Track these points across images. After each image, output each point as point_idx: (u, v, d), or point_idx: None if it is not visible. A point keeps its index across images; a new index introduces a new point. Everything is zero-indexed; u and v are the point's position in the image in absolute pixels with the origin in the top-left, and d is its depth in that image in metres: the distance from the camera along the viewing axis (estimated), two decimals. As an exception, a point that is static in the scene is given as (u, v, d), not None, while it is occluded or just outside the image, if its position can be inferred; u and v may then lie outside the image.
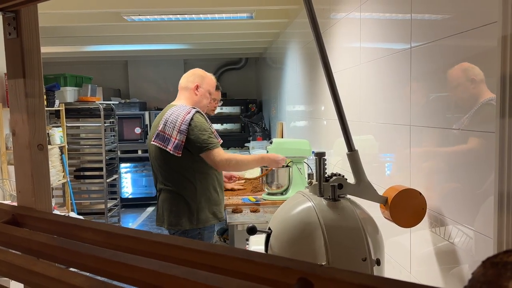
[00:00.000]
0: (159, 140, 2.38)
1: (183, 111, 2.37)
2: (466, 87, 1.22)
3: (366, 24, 2.04)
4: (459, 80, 1.26)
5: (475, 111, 1.17)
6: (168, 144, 2.34)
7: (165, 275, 0.50)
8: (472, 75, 1.19)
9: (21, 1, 0.71)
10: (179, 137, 2.31)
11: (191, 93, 2.53)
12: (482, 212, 1.13)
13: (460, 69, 1.24)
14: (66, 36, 4.78)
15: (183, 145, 2.32)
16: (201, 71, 2.63)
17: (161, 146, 2.37)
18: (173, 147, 2.32)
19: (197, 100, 2.53)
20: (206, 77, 2.59)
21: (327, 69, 1.28)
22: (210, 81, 2.61)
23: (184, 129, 2.31)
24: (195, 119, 2.34)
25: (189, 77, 2.58)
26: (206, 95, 2.58)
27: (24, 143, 0.86)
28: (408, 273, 1.59)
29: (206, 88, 2.57)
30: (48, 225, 0.78)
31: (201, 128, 2.35)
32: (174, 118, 2.36)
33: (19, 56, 0.81)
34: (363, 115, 2.08)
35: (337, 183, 1.30)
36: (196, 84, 2.53)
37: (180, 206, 2.39)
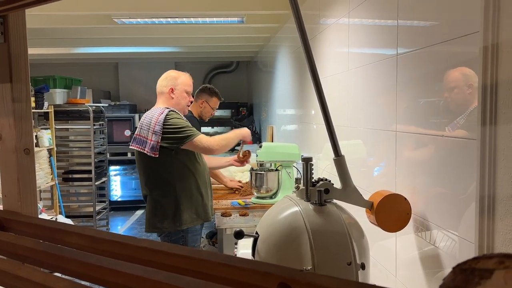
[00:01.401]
0: (137, 143, 2.43)
1: (156, 112, 2.42)
2: (451, 95, 1.25)
3: (354, 30, 2.06)
4: (446, 86, 1.28)
5: (458, 118, 1.19)
6: (145, 147, 2.38)
7: (149, 280, 0.51)
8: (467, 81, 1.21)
9: (8, 7, 0.71)
10: (154, 138, 2.35)
11: (167, 97, 2.55)
12: (465, 217, 1.15)
13: (448, 77, 1.27)
14: (56, 37, 4.75)
15: (159, 145, 2.35)
16: (174, 72, 2.64)
17: (139, 149, 2.40)
18: (150, 149, 2.35)
19: (175, 103, 2.54)
20: (179, 77, 2.59)
21: (314, 76, 1.29)
22: (185, 80, 2.60)
23: (158, 129, 2.34)
24: (168, 117, 2.38)
25: (162, 81, 2.59)
26: (183, 95, 2.58)
27: (11, 147, 0.86)
28: (393, 277, 1.61)
29: (181, 89, 2.57)
30: (34, 229, 0.78)
31: (176, 123, 2.38)
32: (148, 120, 2.40)
33: (6, 61, 0.81)
34: (351, 120, 2.10)
35: (324, 188, 1.32)
36: (170, 88, 2.54)
37: (163, 208, 2.41)
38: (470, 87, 1.15)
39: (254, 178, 2.87)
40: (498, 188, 0.98)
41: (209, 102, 3.60)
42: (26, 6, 0.75)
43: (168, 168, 2.39)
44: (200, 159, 2.54)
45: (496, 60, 0.97)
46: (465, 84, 1.16)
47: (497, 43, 0.97)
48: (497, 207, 0.99)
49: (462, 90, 1.18)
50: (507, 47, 0.95)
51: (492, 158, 0.99)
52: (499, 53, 0.97)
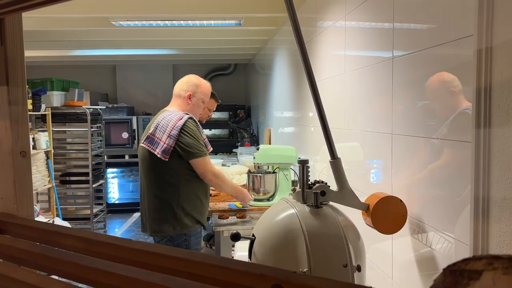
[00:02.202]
0: (148, 142, 2.38)
1: (176, 116, 2.37)
2: (444, 98, 1.25)
3: (350, 33, 2.07)
4: (437, 90, 1.29)
5: (452, 120, 1.20)
6: (156, 147, 2.34)
7: (144, 282, 0.51)
8: (451, 86, 1.22)
9: (5, 10, 0.72)
10: (168, 141, 2.31)
11: (184, 101, 2.52)
12: (461, 219, 1.16)
13: (438, 80, 1.28)
14: (53, 40, 4.75)
15: (171, 150, 2.32)
16: (196, 78, 2.60)
17: (149, 148, 2.37)
18: (161, 151, 2.32)
19: (189, 109, 2.51)
20: (200, 85, 2.56)
21: (310, 79, 1.30)
22: (205, 90, 2.58)
23: (174, 134, 2.31)
24: (187, 125, 2.35)
25: (183, 85, 2.55)
26: (199, 104, 2.56)
27: (7, 150, 0.86)
28: (390, 279, 1.61)
29: (199, 97, 2.55)
30: (30, 232, 0.78)
31: (192, 134, 2.35)
32: (166, 122, 2.35)
33: (3, 64, 0.81)
34: (348, 123, 2.11)
35: (320, 190, 1.32)
36: (189, 93, 2.52)
37: (163, 211, 2.39)
38: (453, 94, 1.17)
39: (252, 180, 2.88)
40: (492, 190, 0.99)
41: (206, 104, 3.60)
42: (22, 10, 0.75)
43: (174, 171, 2.37)
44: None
45: (490, 63, 0.98)
46: (459, 87, 1.17)
47: (491, 46, 0.98)
48: (492, 209, 0.99)
49: (456, 93, 1.19)
50: (501, 50, 0.96)
51: (487, 160, 1.00)
52: (493, 56, 0.97)
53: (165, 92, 7.64)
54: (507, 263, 0.36)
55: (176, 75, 7.73)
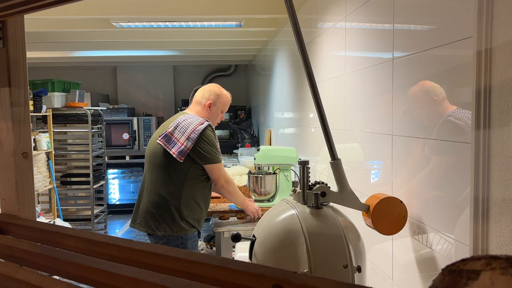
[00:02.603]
0: (165, 140, 2.39)
1: (197, 120, 2.40)
2: (445, 100, 1.26)
3: (351, 34, 2.08)
4: (434, 95, 1.30)
5: (452, 122, 1.21)
6: (172, 147, 2.36)
7: (144, 282, 0.51)
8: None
9: (7, 12, 0.72)
10: (186, 143, 2.33)
11: (204, 109, 2.54)
12: (461, 220, 1.16)
13: (440, 82, 1.28)
14: (54, 41, 4.76)
15: (188, 152, 2.34)
16: (219, 88, 2.63)
17: (165, 146, 2.38)
18: (178, 152, 2.34)
19: (208, 117, 2.52)
20: (221, 95, 2.59)
21: (311, 80, 1.31)
22: (225, 100, 2.61)
23: (193, 137, 2.33)
24: (207, 131, 2.38)
25: (205, 93, 2.57)
26: (218, 113, 2.58)
27: (9, 151, 0.87)
28: (390, 280, 1.62)
29: (219, 107, 2.57)
30: (31, 232, 0.79)
31: (210, 141, 2.39)
32: (186, 124, 2.38)
33: (5, 66, 0.82)
34: (348, 124, 2.11)
35: (320, 191, 1.33)
36: (210, 102, 2.54)
37: (162, 210, 2.40)
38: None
39: (252, 181, 2.88)
40: (492, 191, 0.99)
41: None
42: (25, 12, 0.76)
43: (182, 173, 2.38)
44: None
45: (490, 64, 0.99)
46: (457, 91, 1.18)
47: (490, 48, 0.98)
48: (491, 210, 1.00)
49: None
50: (500, 52, 0.96)
51: (486, 161, 1.00)
52: (493, 57, 0.98)
53: (165, 93, 7.65)
54: (505, 263, 0.36)
55: (176, 76, 7.74)
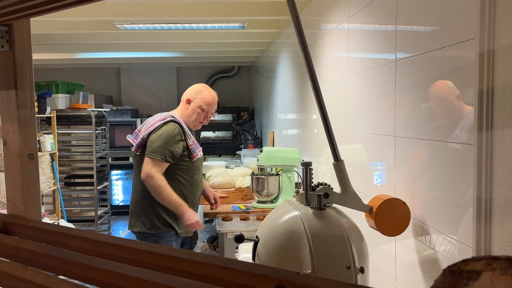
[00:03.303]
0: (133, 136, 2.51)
1: (160, 116, 2.47)
2: (449, 101, 1.26)
3: (354, 36, 2.08)
4: (442, 94, 1.30)
5: (455, 123, 1.21)
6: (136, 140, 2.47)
7: (148, 282, 0.52)
8: (455, 90, 1.23)
9: (14, 16, 0.73)
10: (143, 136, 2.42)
11: (182, 105, 2.59)
12: (464, 221, 1.16)
13: (444, 84, 1.28)
14: (58, 43, 4.79)
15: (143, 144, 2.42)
16: (201, 86, 2.64)
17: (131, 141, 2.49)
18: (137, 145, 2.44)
19: (187, 114, 2.55)
20: (202, 92, 2.58)
21: (313, 81, 1.31)
22: (205, 97, 2.56)
23: (150, 130, 2.40)
24: (165, 126, 2.41)
25: (188, 91, 2.62)
26: (197, 110, 2.54)
27: (15, 153, 0.88)
28: (393, 281, 1.62)
29: (197, 103, 2.54)
30: (37, 233, 0.79)
31: (162, 136, 2.37)
32: (150, 120, 2.48)
33: (11, 69, 0.83)
34: (351, 125, 2.12)
35: (323, 192, 1.33)
36: (188, 98, 2.56)
37: (138, 207, 2.45)
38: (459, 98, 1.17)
39: (255, 182, 2.89)
40: (495, 193, 1.00)
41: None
42: (31, 15, 0.77)
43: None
44: (198, 175, 2.53)
45: (492, 66, 0.99)
46: (462, 90, 1.18)
47: (492, 49, 0.99)
48: (494, 211, 1.00)
49: (459, 96, 1.19)
50: (502, 54, 0.96)
51: (489, 162, 1.01)
52: (495, 59, 0.98)
53: (169, 94, 7.67)
54: (505, 263, 0.37)
55: (180, 77, 7.76)
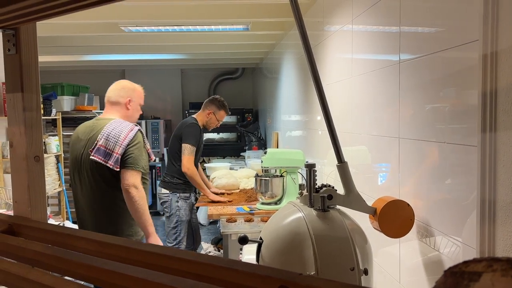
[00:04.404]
0: (100, 155, 2.30)
1: (126, 127, 2.34)
2: (451, 102, 1.26)
3: (358, 37, 2.08)
4: (445, 95, 1.30)
5: (458, 125, 1.21)
6: (109, 159, 2.29)
7: (154, 283, 0.53)
8: (457, 91, 1.23)
9: (20, 20, 0.74)
10: (120, 151, 2.28)
11: (123, 107, 2.48)
12: (468, 223, 1.16)
13: (446, 86, 1.28)
14: (64, 45, 4.82)
15: (121, 158, 2.29)
16: (130, 83, 2.58)
17: (101, 161, 2.29)
18: (114, 162, 2.28)
19: (130, 115, 2.49)
20: (136, 89, 2.55)
21: (317, 83, 1.32)
22: (140, 94, 2.57)
23: (126, 144, 2.28)
24: (137, 136, 2.33)
25: (120, 92, 2.49)
26: (138, 108, 2.55)
27: (21, 155, 0.89)
28: (397, 283, 1.61)
29: (137, 101, 2.53)
30: (43, 234, 0.80)
31: (138, 147, 2.33)
32: (117, 133, 2.31)
33: (18, 71, 0.84)
34: (355, 126, 2.12)
35: (327, 194, 1.33)
36: (128, 99, 2.48)
37: (117, 223, 2.38)
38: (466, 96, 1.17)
39: (259, 184, 2.89)
40: (498, 194, 1.00)
41: (216, 114, 3.66)
42: (37, 19, 0.78)
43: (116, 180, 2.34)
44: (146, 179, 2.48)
45: (496, 68, 0.99)
46: (464, 92, 1.18)
47: (496, 51, 0.99)
48: (498, 212, 1.00)
49: (461, 97, 1.19)
50: (505, 56, 0.96)
51: (492, 164, 1.01)
52: (498, 61, 0.98)
53: (173, 96, 7.69)
54: (506, 265, 0.37)
55: (184, 79, 7.78)
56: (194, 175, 3.37)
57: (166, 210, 3.58)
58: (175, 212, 3.51)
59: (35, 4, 0.63)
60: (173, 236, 3.51)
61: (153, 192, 6.78)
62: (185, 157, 3.39)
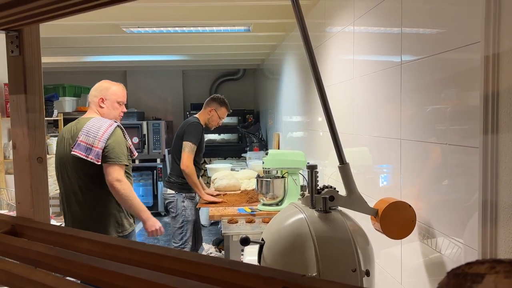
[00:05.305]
0: (80, 150, 2.38)
1: (106, 123, 2.42)
2: (452, 104, 1.26)
3: (359, 39, 2.09)
4: (446, 96, 1.30)
5: (460, 126, 1.21)
6: (89, 154, 2.36)
7: (157, 284, 0.53)
8: (459, 93, 1.23)
9: (23, 22, 0.75)
10: (100, 145, 2.36)
11: (97, 106, 2.56)
12: (470, 224, 1.16)
13: (448, 87, 1.28)
14: (65, 46, 4.83)
15: (101, 153, 2.36)
16: (106, 83, 2.63)
17: (82, 156, 2.37)
18: (95, 156, 2.35)
19: (106, 113, 2.54)
20: (110, 88, 2.59)
21: (319, 84, 1.32)
22: (116, 91, 2.60)
23: (105, 138, 2.36)
24: (116, 131, 2.41)
25: (93, 91, 2.60)
26: (115, 105, 2.58)
27: (24, 156, 0.89)
28: (399, 284, 1.61)
29: (112, 99, 2.57)
30: (46, 235, 0.81)
31: (117, 141, 2.41)
32: (96, 129, 2.39)
33: (21, 73, 0.85)
34: (356, 128, 2.12)
35: (329, 195, 1.33)
36: (100, 98, 2.55)
37: (100, 214, 2.46)
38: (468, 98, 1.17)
39: (261, 185, 2.89)
40: (500, 196, 1.00)
41: (217, 111, 3.67)
42: (40, 21, 0.78)
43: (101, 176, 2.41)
44: (130, 174, 2.55)
45: (498, 69, 0.99)
46: (466, 93, 1.18)
47: (498, 53, 0.99)
48: (500, 214, 1.00)
49: (463, 99, 1.20)
50: (507, 57, 0.96)
51: (494, 166, 1.01)
52: (500, 62, 0.98)
53: (174, 97, 7.70)
54: (508, 266, 0.37)
55: (185, 80, 7.79)
56: (191, 173, 3.37)
57: (172, 210, 3.58)
58: (181, 212, 3.51)
59: (38, 7, 0.64)
60: (179, 236, 3.52)
61: (154, 193, 6.78)
62: (185, 154, 3.40)
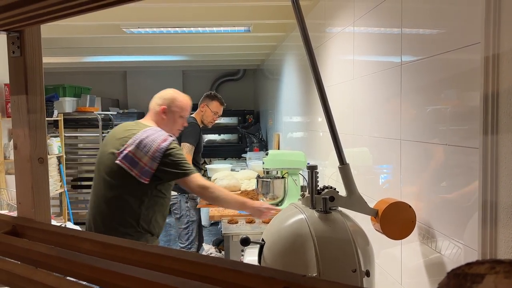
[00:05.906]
0: (127, 161, 2.11)
1: (160, 137, 2.15)
2: (452, 104, 1.26)
3: (359, 39, 2.09)
4: (446, 97, 1.30)
5: (460, 127, 1.21)
6: (135, 168, 2.11)
7: (158, 284, 0.53)
8: (459, 93, 1.23)
9: (25, 23, 0.75)
10: (150, 164, 2.10)
11: (158, 116, 2.32)
12: (470, 225, 1.16)
13: (448, 88, 1.29)
14: (66, 47, 4.84)
15: (153, 173, 2.11)
16: (173, 92, 2.40)
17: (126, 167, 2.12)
18: (141, 173, 2.10)
19: (164, 125, 2.30)
20: (176, 99, 2.35)
21: (319, 85, 1.32)
22: (181, 103, 2.36)
23: (157, 156, 2.10)
24: (171, 147, 2.14)
25: (157, 99, 2.36)
26: (177, 119, 2.36)
27: (25, 157, 0.89)
28: (399, 284, 1.61)
29: (176, 112, 2.34)
30: (47, 235, 0.81)
31: (177, 156, 2.16)
32: (149, 142, 2.12)
33: (22, 74, 0.85)
34: (356, 128, 2.12)
35: (329, 195, 1.33)
36: (163, 107, 2.31)
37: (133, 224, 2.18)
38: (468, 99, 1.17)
39: (261, 185, 2.89)
40: (500, 196, 1.00)
41: (209, 106, 3.65)
42: (41, 22, 0.78)
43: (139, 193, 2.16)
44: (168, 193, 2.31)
45: (497, 70, 0.99)
46: (466, 94, 1.18)
47: (497, 53, 0.99)
48: (500, 214, 1.00)
49: (463, 100, 1.20)
50: (507, 58, 0.97)
51: (494, 166, 1.01)
52: (500, 63, 0.98)
53: (174, 97, 7.70)
54: (508, 267, 0.37)
55: (185, 80, 7.80)
56: None
57: (176, 211, 3.58)
58: (185, 213, 3.52)
59: (40, 8, 0.64)
60: (185, 236, 3.53)
61: (155, 194, 6.76)
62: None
